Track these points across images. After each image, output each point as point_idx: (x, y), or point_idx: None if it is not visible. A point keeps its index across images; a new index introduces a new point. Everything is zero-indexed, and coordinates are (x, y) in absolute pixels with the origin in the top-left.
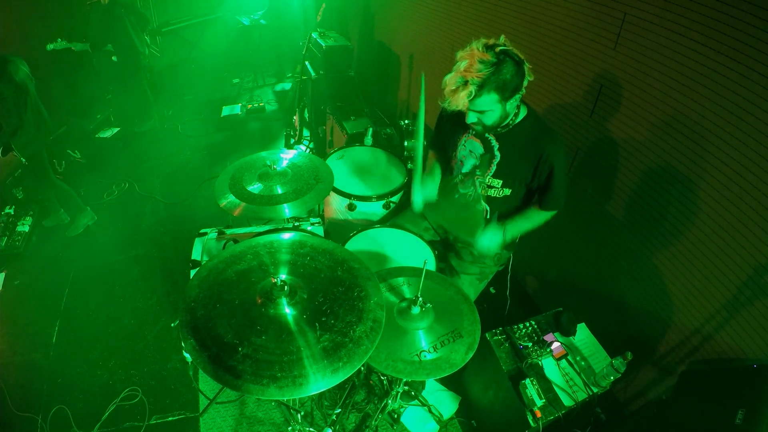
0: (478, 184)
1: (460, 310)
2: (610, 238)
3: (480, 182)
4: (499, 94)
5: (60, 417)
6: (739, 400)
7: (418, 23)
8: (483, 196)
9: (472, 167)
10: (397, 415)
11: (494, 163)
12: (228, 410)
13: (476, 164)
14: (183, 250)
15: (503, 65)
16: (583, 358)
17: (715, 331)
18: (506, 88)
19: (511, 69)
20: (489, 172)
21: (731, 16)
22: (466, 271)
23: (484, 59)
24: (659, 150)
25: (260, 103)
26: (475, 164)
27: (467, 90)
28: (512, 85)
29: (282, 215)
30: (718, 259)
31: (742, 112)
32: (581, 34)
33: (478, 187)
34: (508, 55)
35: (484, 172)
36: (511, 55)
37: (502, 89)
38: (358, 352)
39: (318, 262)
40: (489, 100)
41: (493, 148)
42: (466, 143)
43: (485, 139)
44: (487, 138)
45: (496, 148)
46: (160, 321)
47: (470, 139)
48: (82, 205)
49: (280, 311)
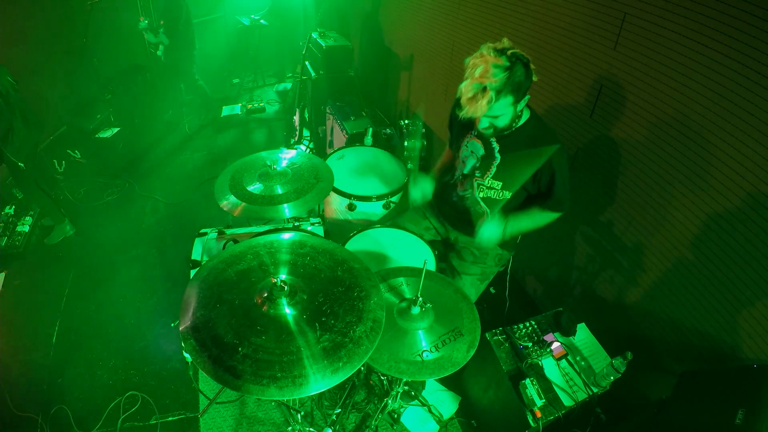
0: (476, 186)
1: (459, 309)
2: (610, 238)
3: (479, 184)
4: (513, 96)
5: (60, 417)
6: (739, 400)
7: (418, 23)
8: (482, 198)
9: (471, 168)
10: (397, 415)
11: (494, 165)
12: (228, 410)
13: (476, 165)
14: (183, 250)
15: (515, 68)
16: (583, 358)
17: (715, 331)
18: (519, 90)
19: (522, 71)
20: (489, 173)
21: (731, 15)
22: (467, 271)
23: (499, 63)
24: (659, 150)
25: (260, 103)
26: (475, 165)
27: (487, 96)
28: (524, 86)
29: (282, 215)
30: (718, 259)
31: (743, 111)
32: (581, 34)
33: (476, 189)
34: (517, 58)
35: (484, 174)
36: (520, 58)
37: (517, 91)
38: (358, 352)
39: (318, 262)
40: (505, 104)
41: (493, 150)
42: (468, 144)
43: (487, 141)
44: (488, 140)
45: (497, 150)
46: (160, 321)
47: (472, 140)
48: (62, 216)
49: (280, 311)
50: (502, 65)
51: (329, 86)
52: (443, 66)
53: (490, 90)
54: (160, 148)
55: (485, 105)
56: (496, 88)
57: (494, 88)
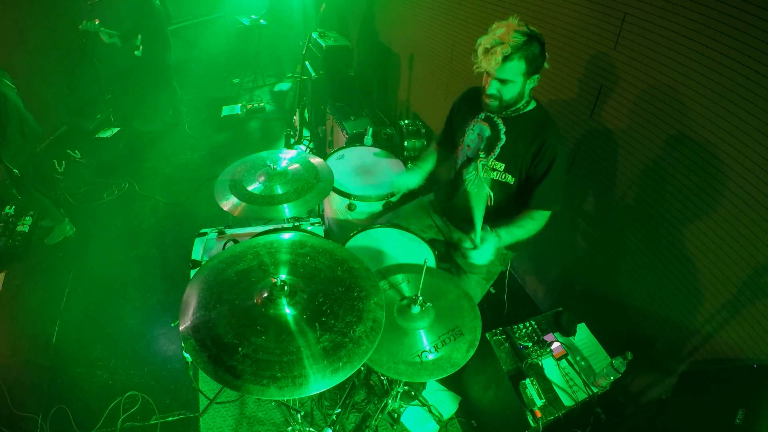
0: (480, 167)
1: (460, 307)
2: (610, 238)
3: (483, 165)
4: (526, 64)
5: (60, 417)
6: (739, 400)
7: (418, 23)
8: (486, 180)
9: (476, 150)
10: (397, 415)
11: (498, 146)
12: (228, 410)
13: (480, 147)
14: (183, 250)
15: (534, 41)
16: (583, 358)
17: (715, 331)
18: (533, 62)
19: (539, 47)
20: (492, 154)
21: (731, 15)
22: (472, 270)
23: (520, 30)
24: (659, 150)
25: (260, 103)
26: (480, 147)
27: (502, 48)
28: (537, 62)
29: (282, 215)
30: (717, 259)
31: (743, 112)
32: (581, 34)
33: (481, 170)
34: (536, 35)
35: (488, 154)
36: (538, 36)
37: (530, 62)
38: (358, 352)
39: (318, 262)
40: (516, 68)
41: (500, 132)
42: (475, 127)
43: (493, 122)
44: (495, 122)
45: (503, 131)
46: (160, 321)
47: (479, 123)
48: (62, 216)
49: (280, 311)
50: (523, 31)
51: (329, 86)
52: (443, 66)
53: (508, 45)
54: (160, 148)
55: (500, 59)
56: (514, 46)
57: (512, 45)
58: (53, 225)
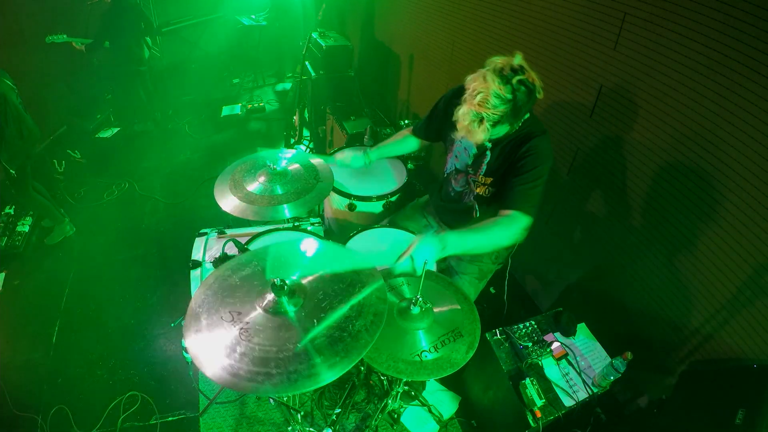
0: (472, 183)
1: (459, 309)
2: (610, 238)
3: (473, 181)
4: (511, 122)
5: (60, 417)
6: (739, 400)
7: (418, 23)
8: (474, 193)
9: (464, 165)
10: (397, 415)
11: (485, 163)
12: (228, 410)
13: (468, 163)
14: (183, 250)
15: (518, 96)
16: (583, 358)
17: (715, 331)
18: (519, 114)
19: (525, 98)
20: (480, 170)
21: (731, 15)
22: (464, 270)
23: (501, 94)
24: (659, 150)
25: (260, 103)
26: (467, 163)
27: (483, 127)
28: (525, 109)
29: (282, 215)
30: (717, 259)
31: (743, 112)
32: (581, 34)
33: (473, 185)
34: (523, 84)
35: (476, 171)
36: (526, 84)
37: (515, 117)
38: (356, 347)
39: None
40: (502, 130)
41: (485, 149)
42: (462, 140)
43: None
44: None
45: (489, 148)
46: (160, 321)
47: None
48: (62, 216)
49: (280, 309)
50: (503, 97)
51: (329, 86)
52: (443, 66)
53: (487, 122)
54: (160, 148)
55: (481, 136)
56: (495, 119)
57: (491, 119)
58: (53, 225)
